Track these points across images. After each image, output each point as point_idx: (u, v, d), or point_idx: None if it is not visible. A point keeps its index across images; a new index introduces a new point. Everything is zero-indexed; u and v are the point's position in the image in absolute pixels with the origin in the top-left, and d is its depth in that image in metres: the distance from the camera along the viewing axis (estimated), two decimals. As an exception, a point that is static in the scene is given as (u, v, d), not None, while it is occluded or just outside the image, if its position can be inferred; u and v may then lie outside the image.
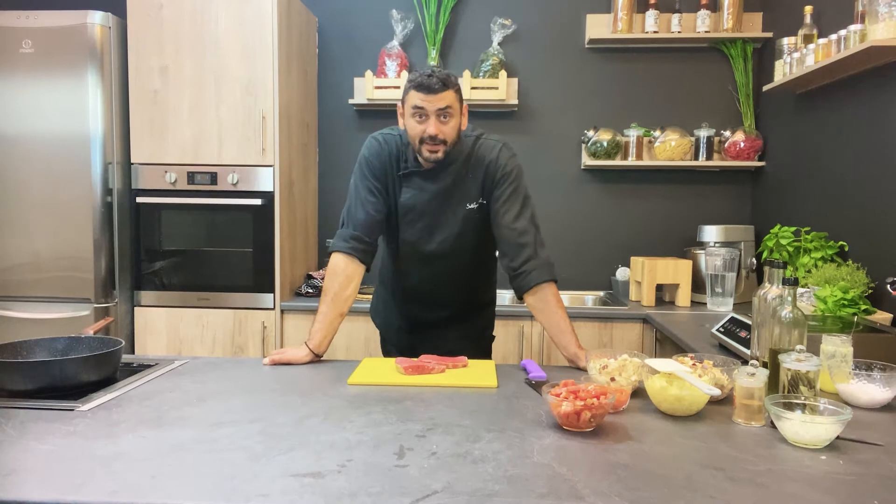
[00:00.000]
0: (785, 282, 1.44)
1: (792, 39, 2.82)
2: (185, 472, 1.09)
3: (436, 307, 2.04)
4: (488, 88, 3.33)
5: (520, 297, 1.89)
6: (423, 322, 2.05)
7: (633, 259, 3.21)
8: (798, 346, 1.39)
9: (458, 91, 1.81)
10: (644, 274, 3.08)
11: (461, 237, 1.91)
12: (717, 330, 2.20)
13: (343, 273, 1.86)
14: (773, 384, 1.40)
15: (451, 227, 1.90)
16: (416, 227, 1.91)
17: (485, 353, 2.14)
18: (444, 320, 2.04)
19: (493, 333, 2.21)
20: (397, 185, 1.90)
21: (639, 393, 1.51)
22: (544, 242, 1.90)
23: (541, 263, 1.85)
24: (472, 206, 1.89)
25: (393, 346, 2.15)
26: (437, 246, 1.92)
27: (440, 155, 1.80)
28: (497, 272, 2.13)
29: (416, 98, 1.76)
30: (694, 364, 1.51)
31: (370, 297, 3.05)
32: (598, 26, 3.40)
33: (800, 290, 2.34)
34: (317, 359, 1.84)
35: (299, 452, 1.17)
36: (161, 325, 3.03)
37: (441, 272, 1.97)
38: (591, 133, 3.39)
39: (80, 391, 1.47)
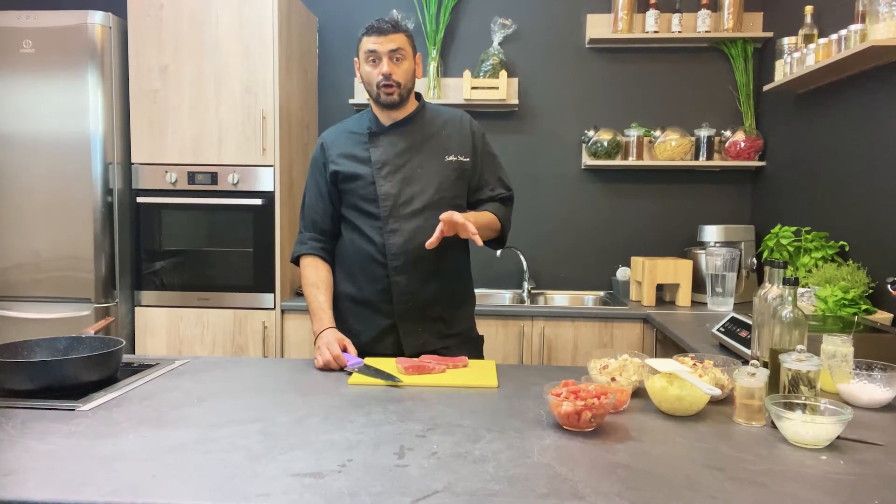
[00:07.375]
0: (785, 282, 1.44)
1: (792, 39, 2.82)
2: (186, 471, 1.09)
3: (424, 277, 1.93)
4: (488, 88, 3.33)
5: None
6: (410, 311, 1.94)
7: (634, 259, 3.21)
8: (798, 346, 1.39)
9: (410, 37, 1.87)
10: (644, 274, 3.08)
11: (441, 189, 1.92)
12: (718, 330, 2.20)
13: (324, 268, 2.05)
14: (773, 384, 1.40)
15: (429, 177, 1.92)
16: (395, 179, 1.91)
17: (476, 353, 2.07)
18: (432, 300, 1.95)
19: (482, 335, 2.13)
20: (365, 149, 1.94)
21: (639, 393, 1.51)
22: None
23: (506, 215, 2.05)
24: (450, 158, 1.94)
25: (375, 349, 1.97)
26: (419, 196, 1.90)
27: (395, 97, 1.85)
28: (472, 270, 2.11)
29: (368, 43, 1.83)
30: (694, 364, 1.50)
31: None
32: (598, 26, 3.40)
33: (800, 289, 2.34)
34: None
35: (299, 452, 1.17)
36: (161, 325, 3.03)
37: (425, 230, 1.87)
38: (591, 133, 3.39)
39: (80, 391, 1.48)
